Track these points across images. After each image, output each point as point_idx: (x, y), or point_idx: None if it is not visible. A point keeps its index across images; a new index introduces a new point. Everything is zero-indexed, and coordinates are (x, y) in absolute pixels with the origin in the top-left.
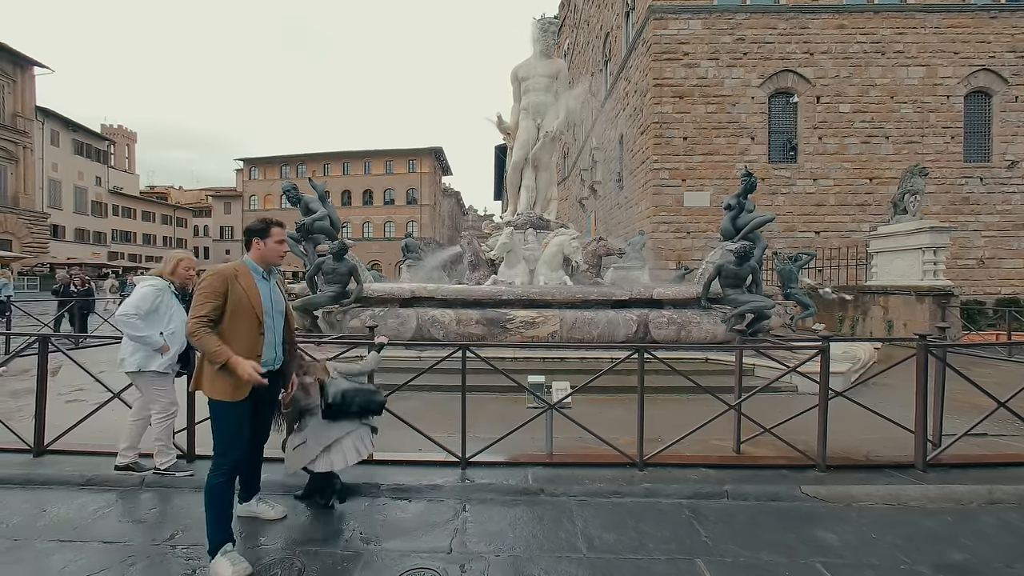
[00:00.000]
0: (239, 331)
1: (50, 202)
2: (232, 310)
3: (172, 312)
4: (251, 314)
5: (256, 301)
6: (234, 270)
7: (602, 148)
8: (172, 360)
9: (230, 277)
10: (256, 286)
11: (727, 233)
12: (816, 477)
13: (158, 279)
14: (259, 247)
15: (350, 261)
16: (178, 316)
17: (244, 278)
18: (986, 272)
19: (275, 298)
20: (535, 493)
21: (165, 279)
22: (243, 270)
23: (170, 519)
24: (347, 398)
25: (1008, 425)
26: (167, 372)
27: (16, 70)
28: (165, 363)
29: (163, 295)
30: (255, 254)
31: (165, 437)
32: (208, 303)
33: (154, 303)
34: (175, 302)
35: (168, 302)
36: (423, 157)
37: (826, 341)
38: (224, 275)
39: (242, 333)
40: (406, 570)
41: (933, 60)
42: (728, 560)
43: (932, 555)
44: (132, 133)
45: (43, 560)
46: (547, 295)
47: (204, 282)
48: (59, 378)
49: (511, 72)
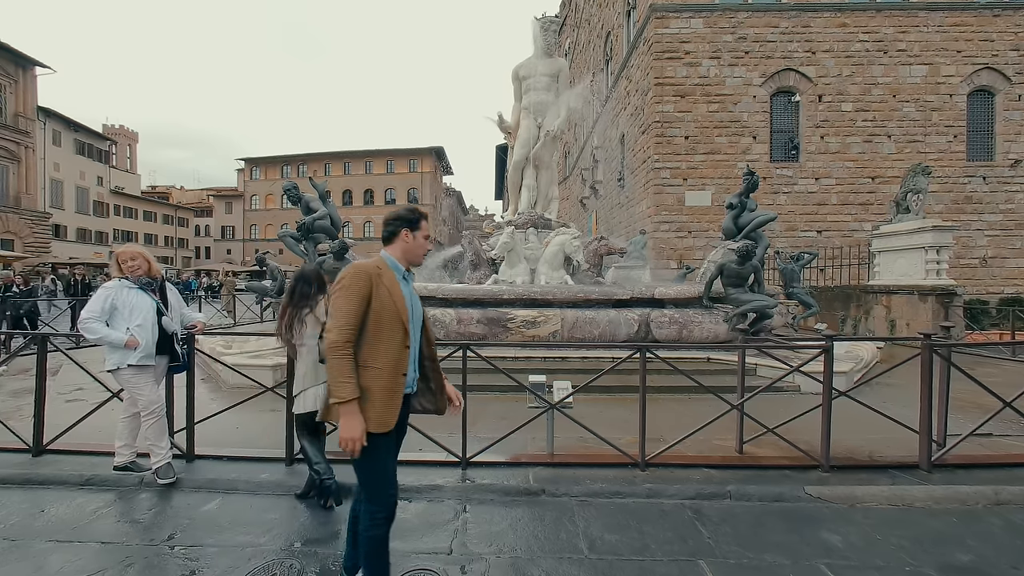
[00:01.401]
0: (382, 344)
1: (52, 202)
2: (375, 318)
3: (132, 306)
4: (396, 322)
5: (401, 306)
6: (376, 267)
7: (603, 147)
8: (146, 353)
9: (374, 275)
10: (400, 288)
11: (729, 232)
12: (820, 477)
13: (113, 280)
14: (407, 240)
15: (351, 260)
16: (141, 308)
17: (387, 277)
18: (989, 271)
19: (415, 304)
20: (536, 493)
21: (117, 277)
22: (384, 267)
23: (169, 519)
24: None
25: (1013, 425)
26: (145, 366)
27: (18, 70)
28: (138, 357)
29: (114, 293)
30: (399, 249)
31: (154, 436)
32: (353, 309)
33: (105, 304)
34: (135, 295)
35: (125, 298)
36: (424, 157)
37: (829, 341)
38: (368, 272)
39: (385, 347)
40: (406, 571)
41: (936, 58)
42: (731, 561)
43: (937, 556)
44: (133, 133)
45: (41, 560)
46: (548, 294)
47: (345, 280)
48: (59, 377)
49: (512, 71)
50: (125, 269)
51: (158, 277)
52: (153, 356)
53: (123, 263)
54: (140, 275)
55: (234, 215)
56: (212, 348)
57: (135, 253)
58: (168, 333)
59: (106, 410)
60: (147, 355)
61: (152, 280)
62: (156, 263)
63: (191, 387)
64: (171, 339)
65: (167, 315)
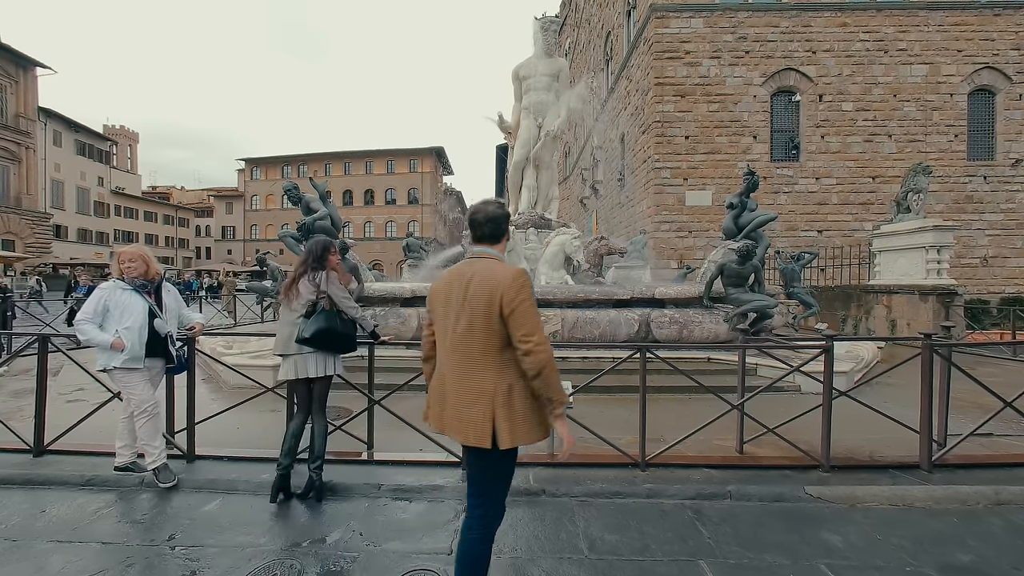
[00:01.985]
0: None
1: (53, 202)
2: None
3: (124, 308)
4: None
5: None
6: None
7: (603, 147)
8: (132, 355)
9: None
10: None
11: (729, 232)
12: (820, 477)
13: (109, 281)
14: (507, 239)
15: (351, 261)
16: (132, 311)
17: None
18: (990, 271)
19: None
20: (536, 493)
21: (115, 278)
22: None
23: (169, 520)
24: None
25: (1014, 425)
26: (133, 368)
27: (19, 71)
28: (123, 359)
29: (108, 294)
30: (503, 248)
31: (147, 436)
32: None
33: (98, 306)
34: (128, 297)
35: (118, 300)
36: (424, 157)
37: (830, 340)
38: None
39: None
40: (407, 571)
41: (936, 58)
42: (731, 561)
43: (938, 557)
44: (134, 133)
45: (42, 561)
46: (548, 294)
47: (527, 287)
48: (59, 378)
49: (512, 71)
50: (124, 271)
51: (155, 279)
52: (141, 359)
53: (121, 264)
54: (136, 276)
55: (234, 215)
56: (213, 348)
57: (134, 255)
58: (161, 335)
59: (107, 410)
60: (132, 357)
61: (147, 282)
62: (156, 264)
63: (192, 387)
64: (164, 341)
65: (160, 317)
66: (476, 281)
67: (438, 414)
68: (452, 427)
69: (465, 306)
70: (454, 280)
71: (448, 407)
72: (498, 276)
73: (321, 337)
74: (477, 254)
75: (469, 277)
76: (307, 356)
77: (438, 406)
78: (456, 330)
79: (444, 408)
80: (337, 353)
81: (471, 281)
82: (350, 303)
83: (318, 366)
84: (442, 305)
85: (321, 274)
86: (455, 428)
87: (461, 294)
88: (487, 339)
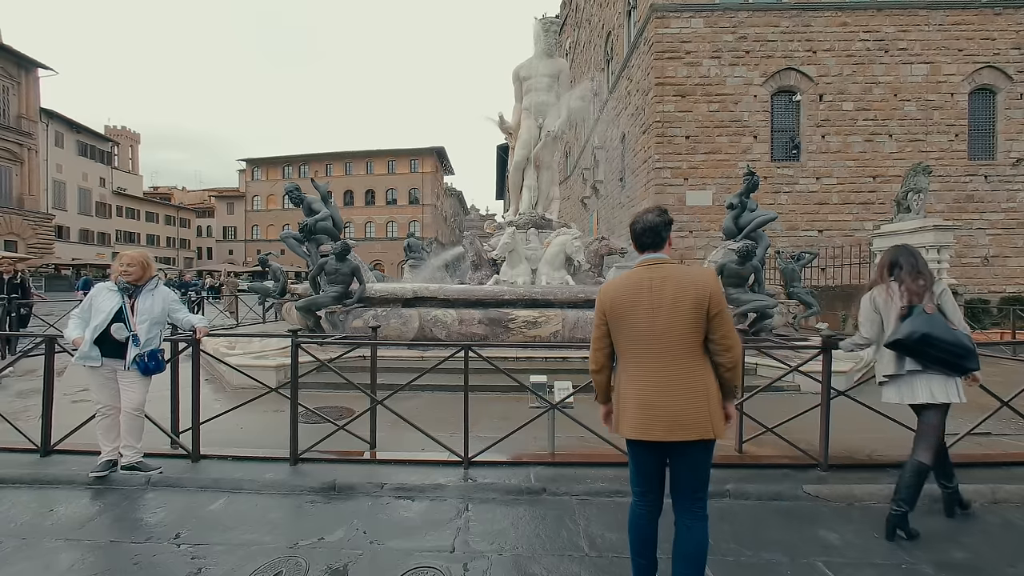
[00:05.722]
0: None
1: (54, 203)
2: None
3: (98, 308)
4: None
5: None
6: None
7: (604, 147)
8: (82, 355)
9: None
10: None
11: (729, 232)
12: (818, 476)
13: (106, 282)
14: (669, 244)
15: (353, 261)
16: (102, 311)
17: None
18: (991, 270)
19: None
20: (537, 492)
21: (111, 281)
22: None
23: (175, 518)
24: None
25: (1012, 424)
26: (95, 367)
27: (20, 72)
28: (79, 358)
29: (95, 294)
30: (669, 251)
31: (101, 435)
32: None
33: (85, 304)
34: (107, 298)
35: (99, 300)
36: (425, 157)
37: (830, 340)
38: None
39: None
40: (409, 569)
41: (937, 57)
42: (730, 559)
43: (934, 554)
44: (135, 134)
45: (51, 559)
46: (549, 295)
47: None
48: (64, 378)
49: (513, 72)
50: (119, 272)
51: (141, 283)
52: (96, 359)
53: (120, 266)
54: (131, 281)
55: (236, 216)
56: (215, 349)
57: (133, 259)
58: (119, 339)
59: None
60: (82, 356)
61: (130, 285)
62: (154, 269)
63: (196, 388)
64: (121, 345)
65: (121, 322)
66: (673, 284)
67: (647, 419)
68: (676, 426)
69: (664, 309)
70: (634, 286)
71: (665, 408)
72: (701, 279)
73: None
74: (651, 260)
75: (661, 282)
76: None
77: (647, 411)
78: (657, 332)
79: (657, 409)
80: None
81: (665, 284)
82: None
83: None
84: (630, 312)
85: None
86: (680, 426)
87: (656, 298)
88: (696, 337)
